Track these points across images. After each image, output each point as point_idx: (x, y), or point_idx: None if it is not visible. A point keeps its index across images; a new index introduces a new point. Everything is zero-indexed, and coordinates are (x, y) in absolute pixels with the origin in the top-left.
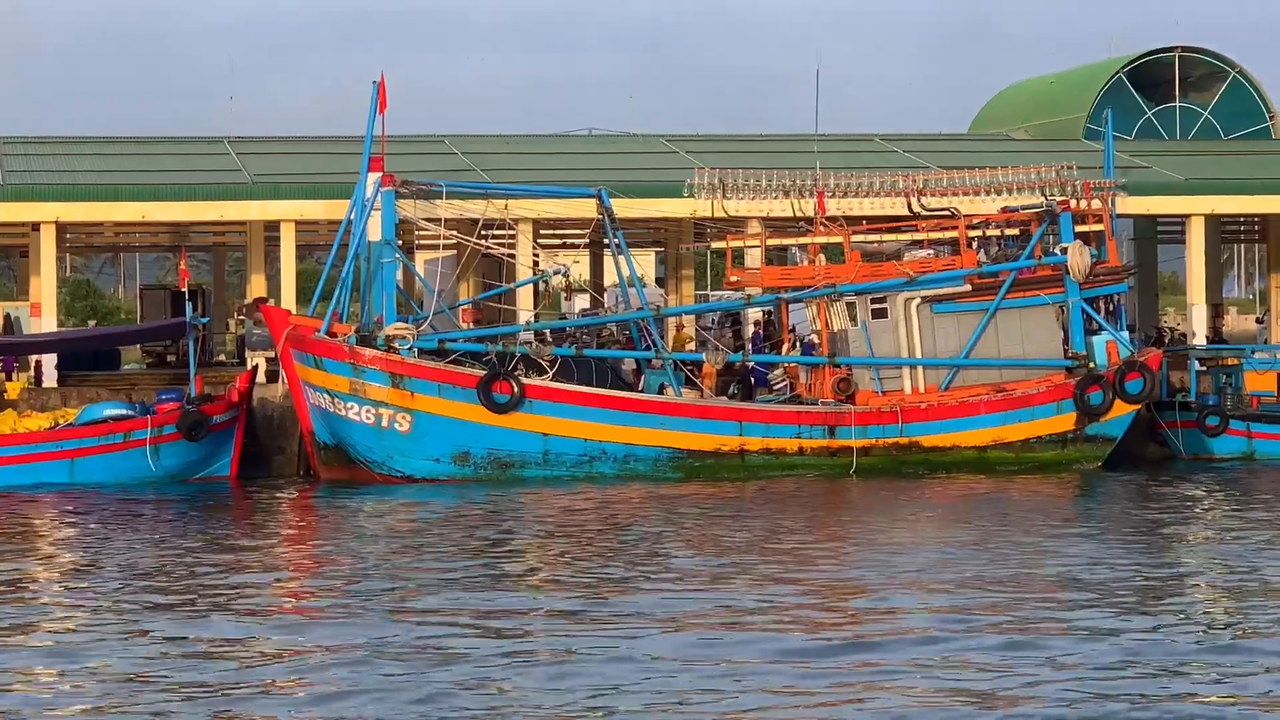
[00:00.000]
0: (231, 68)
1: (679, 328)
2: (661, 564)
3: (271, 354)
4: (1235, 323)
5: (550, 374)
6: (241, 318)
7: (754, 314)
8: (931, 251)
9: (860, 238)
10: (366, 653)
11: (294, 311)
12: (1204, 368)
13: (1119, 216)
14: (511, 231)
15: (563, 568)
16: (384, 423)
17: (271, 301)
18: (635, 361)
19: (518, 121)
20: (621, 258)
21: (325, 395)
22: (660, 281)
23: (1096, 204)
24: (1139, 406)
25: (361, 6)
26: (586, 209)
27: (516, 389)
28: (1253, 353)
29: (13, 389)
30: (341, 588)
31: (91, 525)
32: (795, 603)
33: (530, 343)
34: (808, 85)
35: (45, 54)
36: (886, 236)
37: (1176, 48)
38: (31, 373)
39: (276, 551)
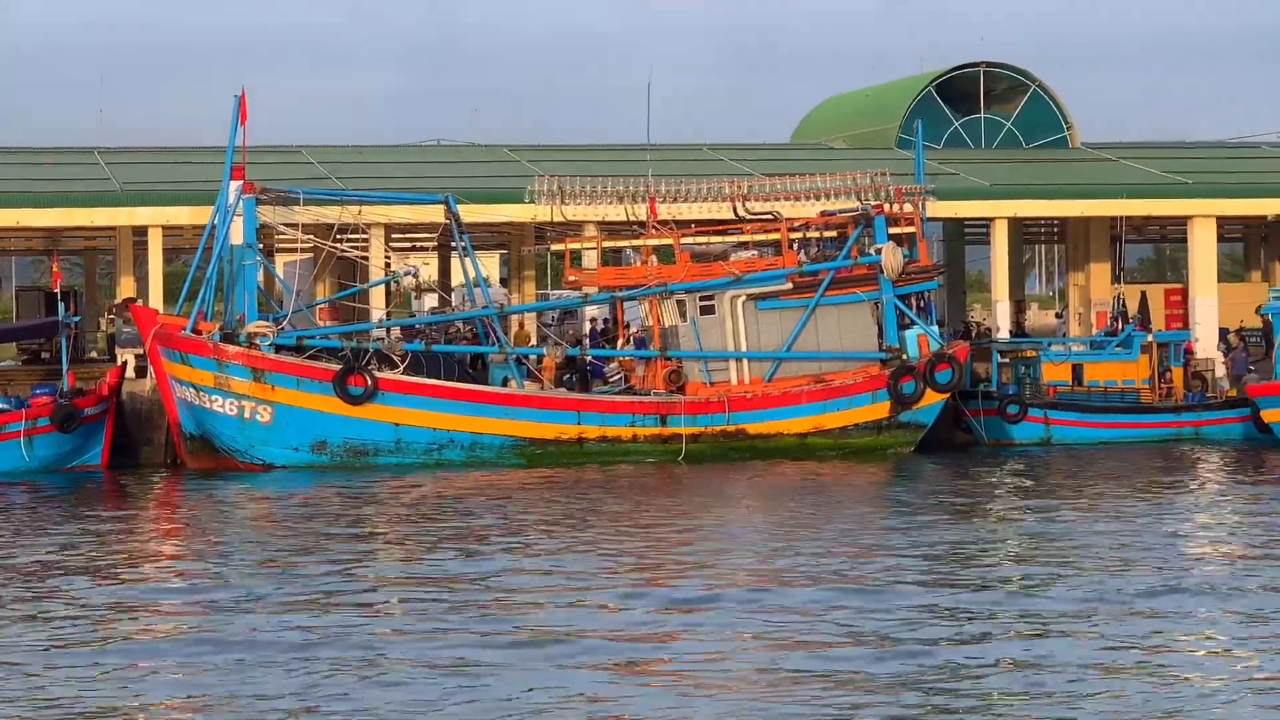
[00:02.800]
0: (101, 80)
1: (520, 324)
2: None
3: (140, 351)
4: (1037, 318)
5: (401, 368)
6: (111, 317)
7: (590, 311)
8: (755, 252)
9: (689, 240)
10: (228, 630)
11: (161, 311)
12: (1005, 359)
13: (929, 220)
14: (365, 235)
15: (406, 546)
16: (246, 414)
17: (140, 302)
18: (479, 356)
19: (370, 133)
20: (468, 259)
21: (191, 389)
22: (504, 281)
23: (908, 208)
24: (947, 395)
25: (223, 25)
26: (435, 214)
27: (370, 382)
28: (1049, 345)
29: None
30: (207, 566)
31: None
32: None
33: (382, 339)
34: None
35: None
36: (714, 239)
37: (981, 63)
38: None
39: (145, 533)
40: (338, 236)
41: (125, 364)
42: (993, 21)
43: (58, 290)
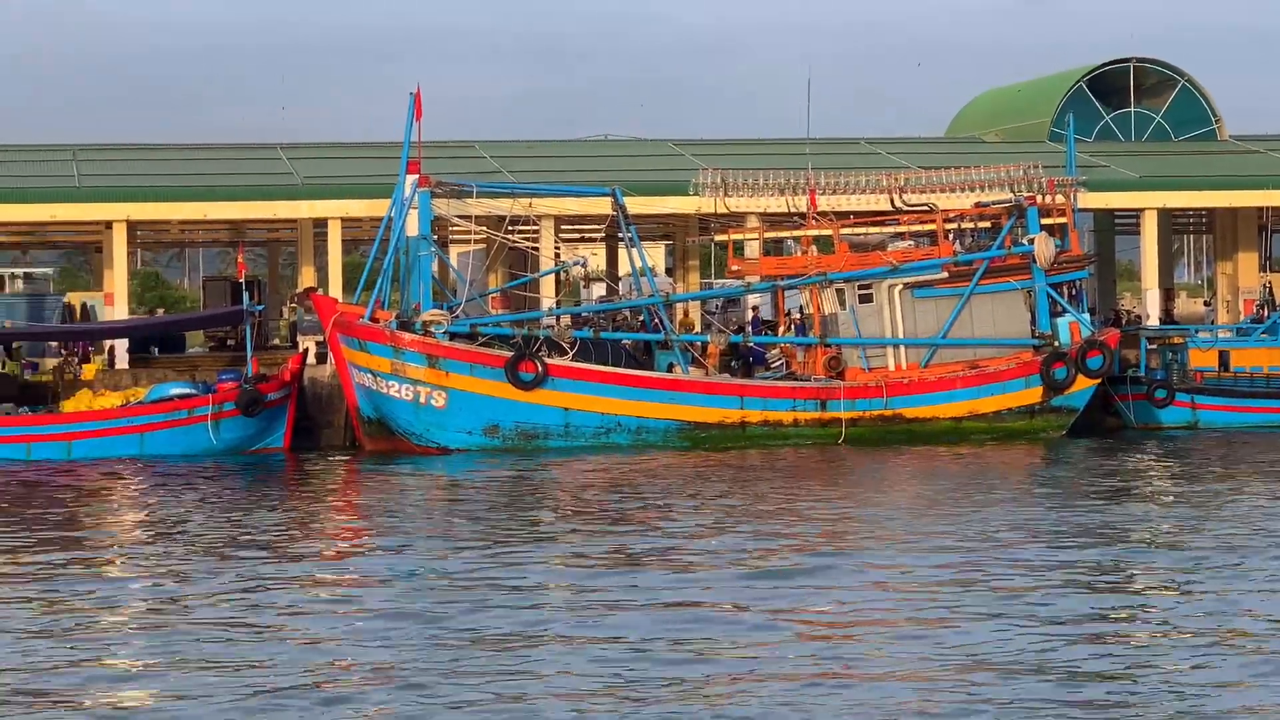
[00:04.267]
0: (283, 80)
1: (685, 312)
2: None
3: (320, 338)
4: (1185, 306)
5: (570, 354)
6: (293, 305)
7: (753, 299)
8: (912, 243)
9: (848, 230)
10: (410, 604)
11: (340, 300)
12: (1153, 346)
13: (1080, 210)
14: (535, 227)
15: (582, 523)
16: (421, 399)
17: (320, 291)
18: (646, 343)
19: (540, 128)
20: (634, 250)
21: (369, 375)
22: (669, 271)
23: (1060, 199)
24: (1099, 381)
25: (400, 24)
26: (602, 206)
27: (540, 368)
28: (1196, 332)
29: (88, 371)
30: (389, 543)
31: (162, 492)
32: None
33: (552, 327)
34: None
35: (115, 68)
36: (872, 229)
37: (1131, 59)
38: (105, 356)
39: (329, 511)
40: (509, 228)
41: (306, 351)
42: (1142, 16)
43: (242, 280)
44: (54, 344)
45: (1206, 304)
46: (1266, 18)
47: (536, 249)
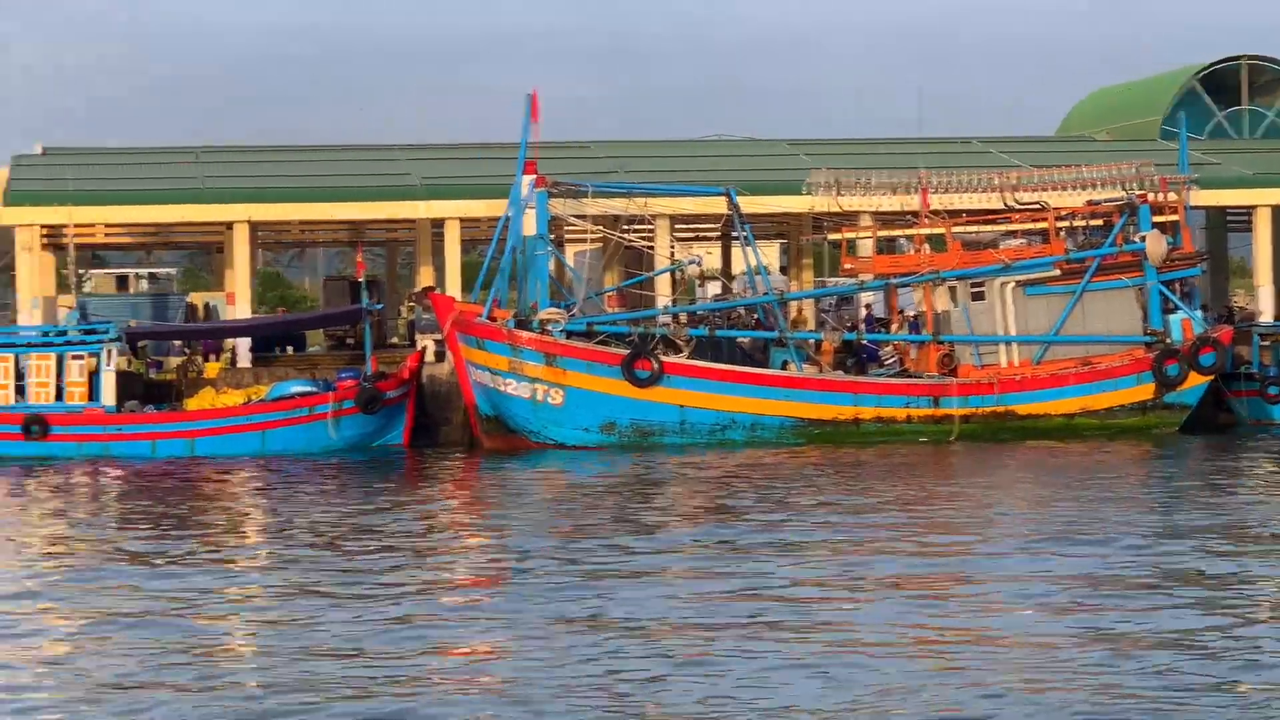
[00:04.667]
0: (398, 84)
1: (799, 310)
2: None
3: (439, 336)
4: None
5: (686, 352)
6: (412, 305)
7: (866, 297)
8: (1024, 241)
9: (960, 229)
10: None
11: (458, 299)
12: (1266, 342)
13: (1192, 208)
14: (650, 226)
15: (700, 517)
16: (539, 397)
17: (438, 290)
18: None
19: (655, 128)
20: (748, 248)
21: (487, 373)
22: (783, 269)
23: (1172, 197)
24: (1211, 377)
25: (512, 28)
26: (717, 206)
27: (656, 366)
28: None
29: (211, 369)
30: (513, 543)
31: (284, 488)
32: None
33: (668, 325)
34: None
35: (236, 72)
36: (984, 228)
37: (1244, 57)
38: (228, 355)
39: (451, 508)
40: (625, 227)
41: (425, 349)
42: (1255, 13)
43: (361, 279)
44: (177, 343)
45: None
46: None
47: (652, 248)
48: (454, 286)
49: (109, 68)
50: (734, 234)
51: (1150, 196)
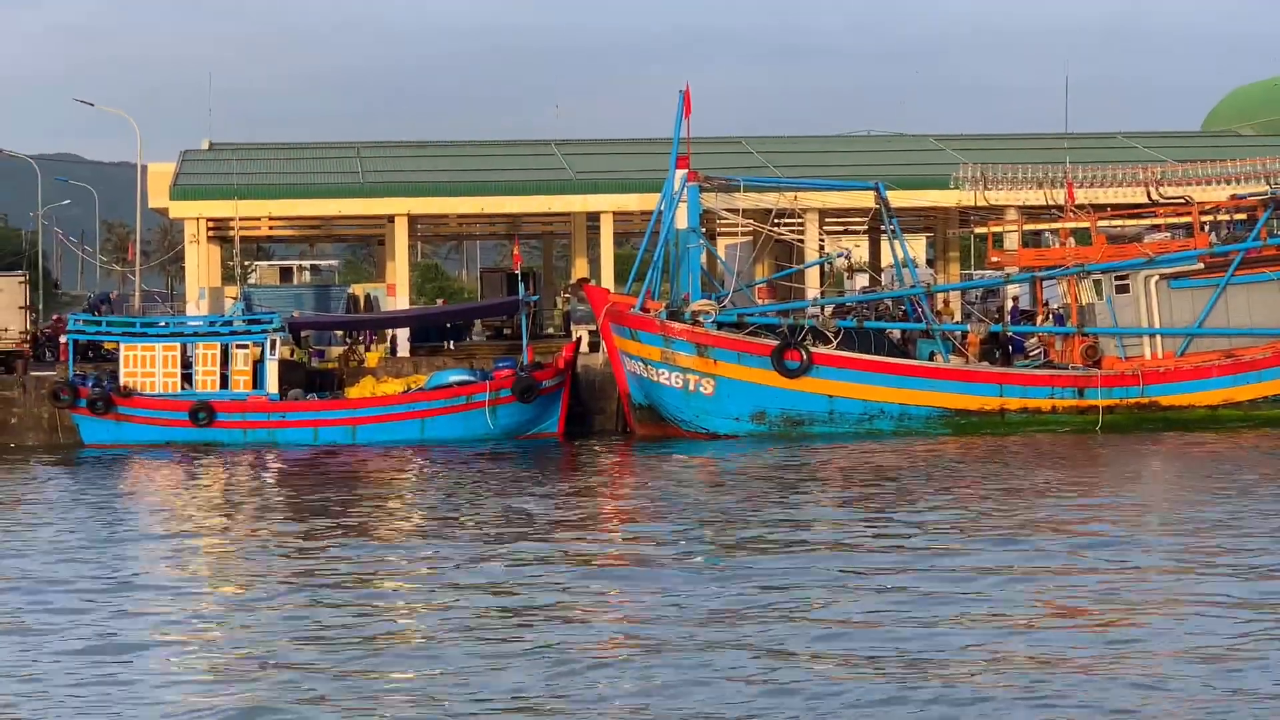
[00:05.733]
0: (556, 80)
1: (946, 303)
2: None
3: (593, 327)
4: None
5: (835, 343)
6: (567, 296)
7: (1012, 290)
8: (1168, 234)
9: (1105, 223)
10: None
11: (612, 290)
12: None
13: None
14: (800, 220)
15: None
16: (691, 386)
17: (593, 282)
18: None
19: (805, 123)
20: (896, 242)
21: (640, 363)
22: (930, 262)
23: None
24: None
25: (669, 26)
26: (865, 200)
27: (805, 356)
28: None
29: (371, 358)
30: (667, 524)
31: (448, 473)
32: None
33: (817, 316)
34: (1056, 91)
35: (398, 71)
36: (1128, 222)
37: None
38: (388, 344)
39: (614, 493)
40: (775, 221)
41: (580, 339)
42: None
43: (518, 271)
44: (339, 333)
45: None
46: None
47: (802, 241)
48: (608, 278)
49: (284, 67)
50: (882, 227)
51: None
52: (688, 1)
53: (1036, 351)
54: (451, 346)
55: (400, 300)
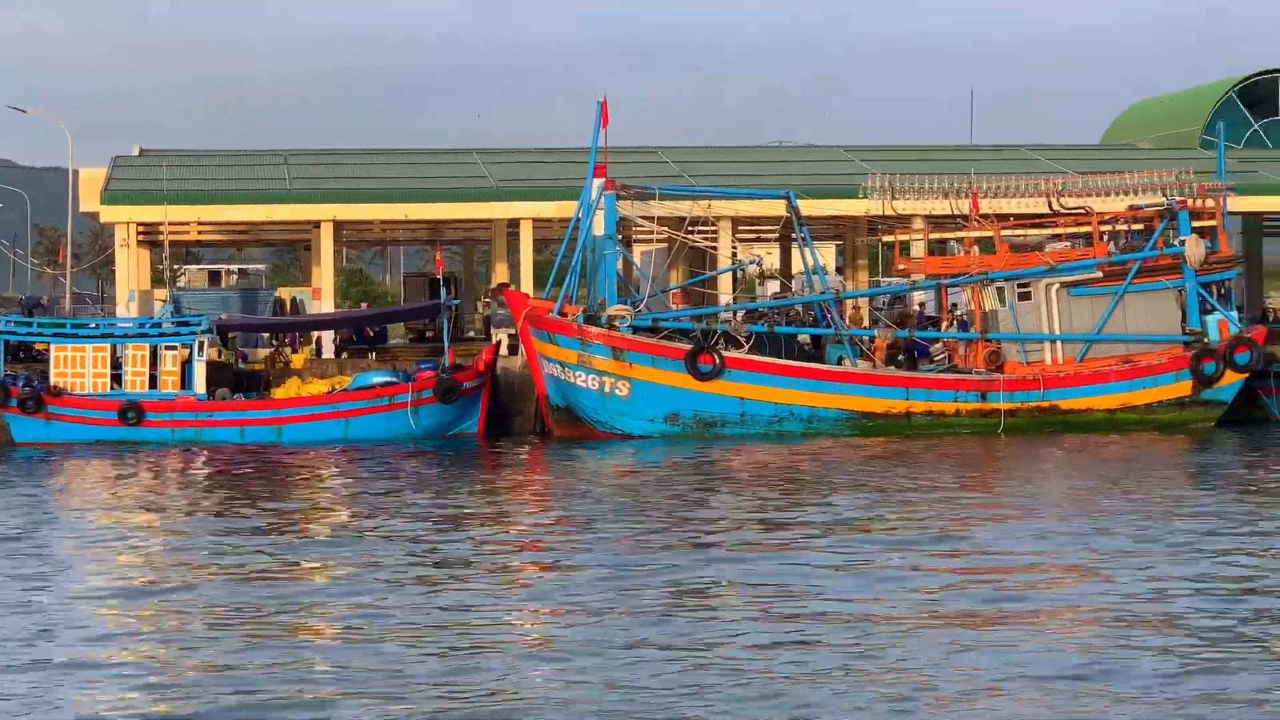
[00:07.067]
0: (476, 91)
1: (855, 308)
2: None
3: (512, 331)
4: None
5: (746, 348)
6: (487, 300)
7: (918, 296)
8: (1069, 244)
9: (1008, 232)
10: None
11: (531, 295)
12: None
13: (1230, 214)
14: (714, 228)
15: (756, 508)
16: (607, 389)
17: (512, 287)
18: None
19: (719, 134)
20: (807, 249)
21: (557, 366)
22: (839, 269)
23: (1210, 203)
24: (1246, 375)
25: (584, 38)
26: (777, 208)
27: (718, 360)
28: None
29: (297, 360)
30: (580, 525)
31: (365, 474)
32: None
33: (729, 321)
34: (962, 104)
35: (320, 81)
36: (1030, 231)
37: None
38: (313, 346)
39: (524, 493)
40: (689, 228)
41: (499, 342)
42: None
43: (440, 276)
44: (265, 335)
45: None
46: None
47: (715, 248)
48: (527, 283)
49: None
50: (793, 235)
51: (1189, 202)
52: (609, 13)
53: (941, 356)
54: (372, 357)
55: (326, 304)
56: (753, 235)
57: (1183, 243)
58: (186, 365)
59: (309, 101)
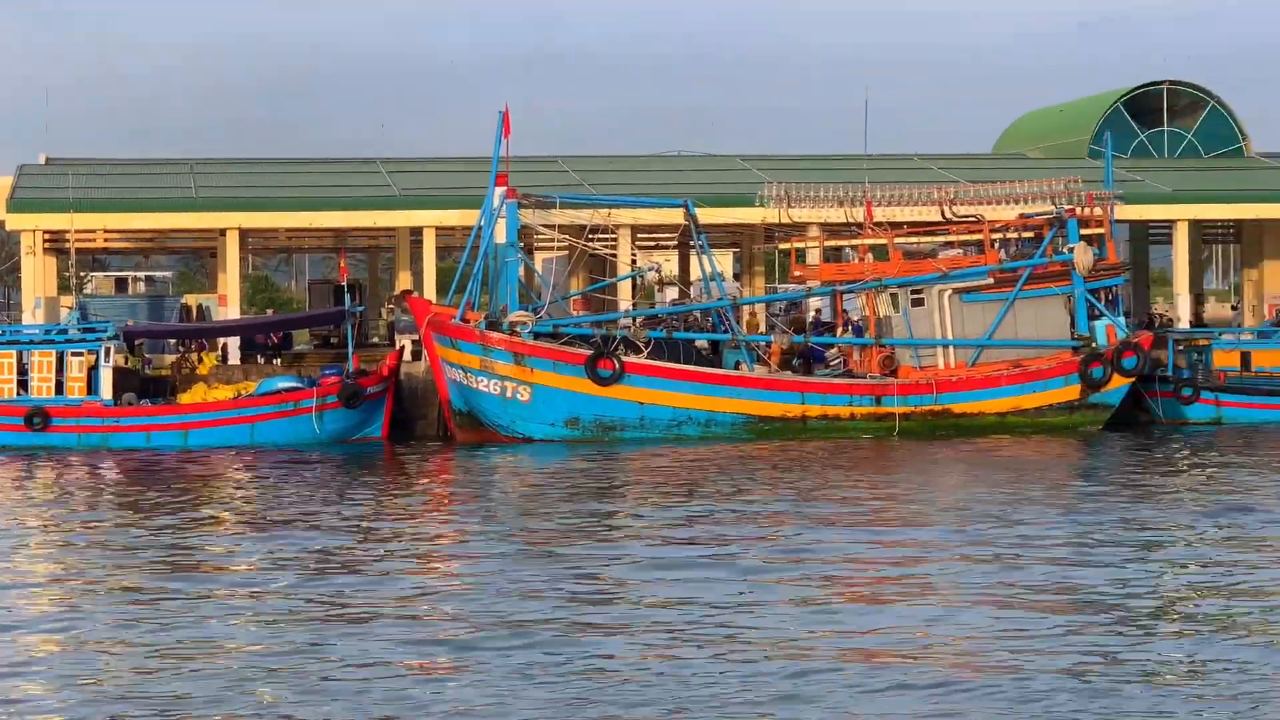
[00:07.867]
0: (379, 101)
1: (751, 314)
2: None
3: (416, 337)
4: (1214, 310)
5: (645, 353)
6: (391, 307)
7: (814, 303)
8: (961, 251)
9: (901, 240)
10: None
11: (434, 301)
12: (1180, 347)
13: (1117, 222)
14: (613, 235)
15: (656, 509)
16: (508, 393)
17: (416, 293)
18: (714, 342)
19: (618, 143)
20: (705, 257)
21: (460, 371)
22: (737, 276)
23: (1098, 211)
24: (1132, 379)
25: (488, 52)
26: (675, 216)
27: (618, 365)
28: (1220, 334)
29: (204, 366)
30: (478, 525)
31: (275, 475)
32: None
33: (629, 327)
34: (856, 114)
35: (225, 89)
36: (923, 239)
37: (1165, 82)
38: (219, 352)
39: (427, 495)
40: (589, 236)
41: (403, 348)
42: (1175, 40)
43: (344, 283)
44: (172, 341)
45: (1234, 308)
46: None
47: (614, 255)
48: (430, 290)
49: (114, 83)
50: (691, 243)
51: (1078, 211)
52: (512, 25)
53: (836, 361)
54: (277, 364)
55: (232, 310)
56: (652, 243)
57: (1071, 250)
58: (93, 371)
59: (216, 110)
